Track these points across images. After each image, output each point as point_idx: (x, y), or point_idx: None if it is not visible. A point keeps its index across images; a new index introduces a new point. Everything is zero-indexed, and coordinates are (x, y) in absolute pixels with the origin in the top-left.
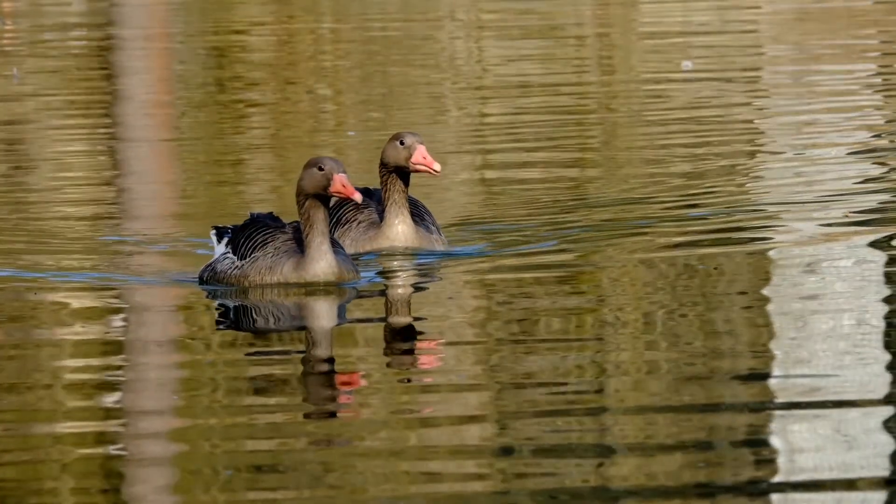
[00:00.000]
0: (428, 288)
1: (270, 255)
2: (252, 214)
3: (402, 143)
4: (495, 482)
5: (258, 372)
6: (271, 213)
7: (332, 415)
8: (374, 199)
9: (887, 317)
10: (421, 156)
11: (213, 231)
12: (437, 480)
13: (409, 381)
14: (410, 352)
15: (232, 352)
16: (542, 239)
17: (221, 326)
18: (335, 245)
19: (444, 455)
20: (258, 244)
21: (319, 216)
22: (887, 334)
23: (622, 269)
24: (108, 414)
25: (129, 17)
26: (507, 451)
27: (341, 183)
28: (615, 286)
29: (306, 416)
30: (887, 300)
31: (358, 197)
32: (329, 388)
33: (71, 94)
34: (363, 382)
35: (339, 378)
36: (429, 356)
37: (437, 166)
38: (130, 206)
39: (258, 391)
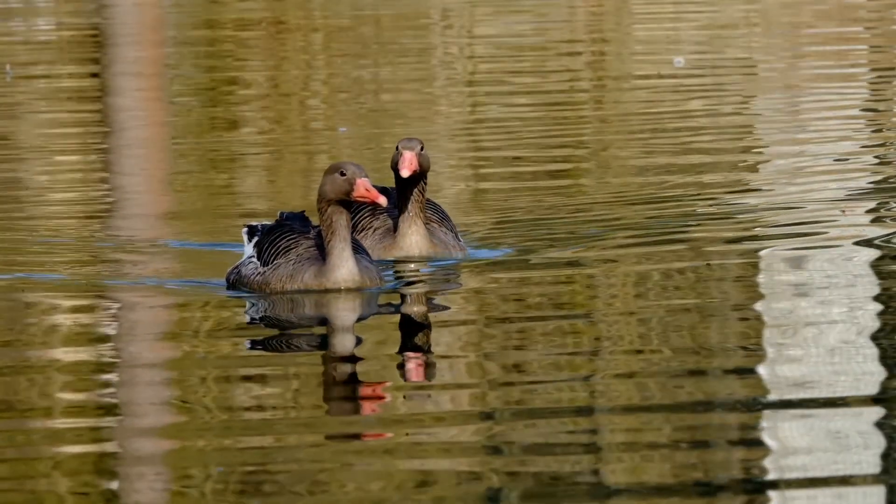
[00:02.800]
0: (445, 295)
1: (292, 262)
2: (282, 214)
3: (396, 148)
4: (488, 483)
5: (270, 383)
6: (303, 212)
7: (345, 430)
8: (391, 200)
9: (880, 322)
10: (402, 161)
11: (245, 229)
12: (431, 485)
13: (415, 391)
14: (420, 364)
15: (245, 361)
16: (550, 243)
17: (237, 335)
18: (360, 250)
19: (437, 456)
20: (281, 250)
21: (341, 222)
22: (880, 337)
23: (629, 274)
24: (104, 435)
25: (120, 14)
26: (497, 450)
27: (364, 187)
28: (619, 291)
29: (323, 434)
30: (880, 303)
31: (382, 201)
32: (339, 400)
33: (63, 94)
34: (376, 394)
35: (353, 389)
36: (434, 368)
37: (405, 173)
38: (127, 208)
39: (269, 403)
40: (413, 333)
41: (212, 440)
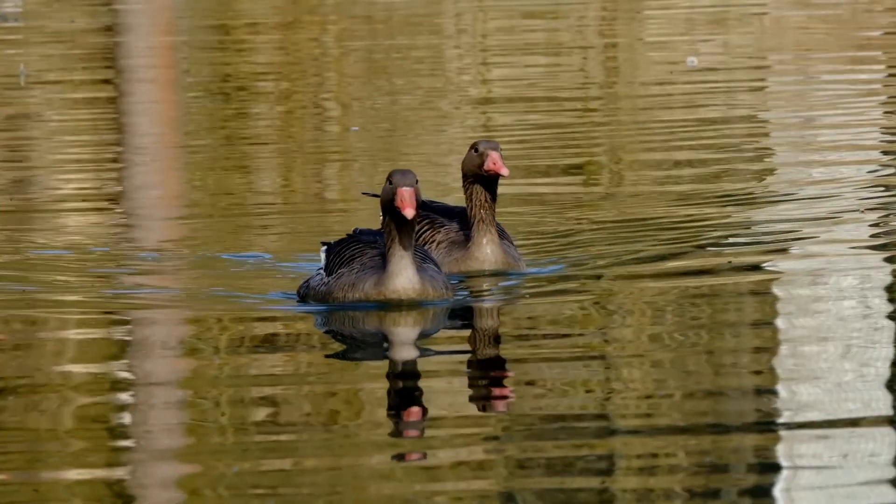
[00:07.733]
0: (512, 311)
1: (356, 270)
2: (356, 230)
3: (476, 150)
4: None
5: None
6: (379, 230)
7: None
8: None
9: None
10: (492, 161)
11: (323, 248)
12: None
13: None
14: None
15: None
16: (589, 258)
17: (296, 348)
18: (427, 259)
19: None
20: (345, 260)
21: (403, 229)
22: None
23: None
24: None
25: (131, 16)
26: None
27: (408, 197)
28: (644, 311)
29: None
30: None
31: (409, 213)
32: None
33: (76, 93)
34: (420, 417)
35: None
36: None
37: (505, 171)
38: (140, 218)
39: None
40: (476, 364)
41: (225, 457)
